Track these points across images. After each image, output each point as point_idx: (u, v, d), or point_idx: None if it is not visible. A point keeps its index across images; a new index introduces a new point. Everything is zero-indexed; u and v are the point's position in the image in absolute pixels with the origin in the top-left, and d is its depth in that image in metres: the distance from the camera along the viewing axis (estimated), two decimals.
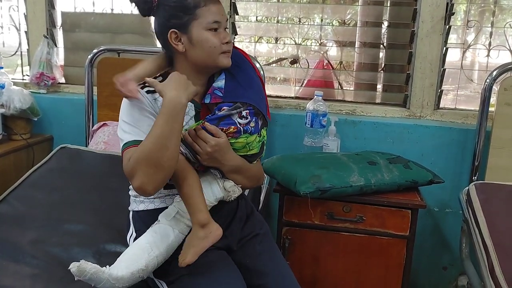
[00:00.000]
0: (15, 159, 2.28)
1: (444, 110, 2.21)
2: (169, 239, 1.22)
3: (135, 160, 1.16)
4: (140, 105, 1.26)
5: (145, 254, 1.19)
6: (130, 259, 1.19)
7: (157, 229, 1.24)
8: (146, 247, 1.20)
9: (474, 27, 2.18)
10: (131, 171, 1.17)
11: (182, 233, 1.25)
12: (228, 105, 1.28)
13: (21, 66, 2.67)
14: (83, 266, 1.11)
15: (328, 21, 2.37)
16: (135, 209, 1.38)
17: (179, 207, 1.26)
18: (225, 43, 1.28)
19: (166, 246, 1.22)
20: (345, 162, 1.79)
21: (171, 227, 1.23)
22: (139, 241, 1.24)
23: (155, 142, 1.15)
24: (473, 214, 1.69)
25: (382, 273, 1.77)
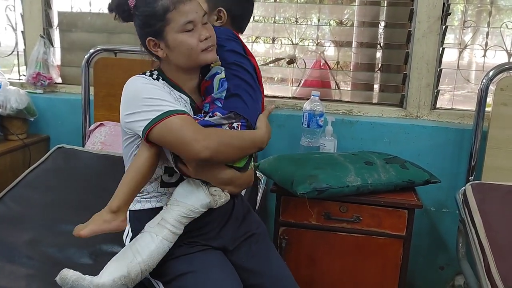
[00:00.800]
0: (12, 159, 2.27)
1: (441, 110, 2.22)
2: (151, 246, 1.21)
3: (218, 139, 1.19)
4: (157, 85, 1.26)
5: (127, 261, 1.19)
6: (113, 266, 1.19)
7: (140, 236, 1.24)
8: (128, 254, 1.20)
9: (471, 27, 2.19)
10: (204, 142, 1.16)
11: (166, 240, 1.23)
12: (222, 111, 1.27)
13: (17, 66, 2.67)
14: (64, 273, 1.11)
15: (325, 21, 2.37)
16: (132, 208, 1.37)
17: (163, 214, 1.26)
18: (204, 40, 1.25)
19: (149, 253, 1.21)
20: (341, 162, 1.79)
21: (155, 234, 1.23)
22: (123, 249, 1.24)
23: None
24: (469, 214, 1.70)
25: (379, 273, 1.77)
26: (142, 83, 1.25)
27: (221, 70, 1.30)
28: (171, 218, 1.24)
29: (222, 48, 1.31)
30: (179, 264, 1.27)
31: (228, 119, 1.26)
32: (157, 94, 1.22)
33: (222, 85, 1.29)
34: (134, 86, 1.26)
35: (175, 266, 1.27)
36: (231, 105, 1.27)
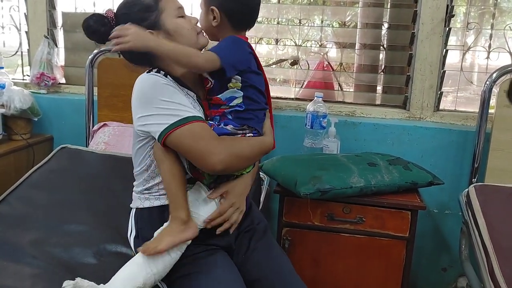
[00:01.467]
0: (15, 159, 2.28)
1: (444, 111, 2.22)
2: (167, 258, 1.21)
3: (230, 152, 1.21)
4: (171, 85, 1.25)
5: (143, 272, 1.18)
6: (127, 277, 1.17)
7: None
8: (144, 265, 1.19)
9: (474, 29, 2.19)
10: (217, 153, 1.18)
11: (180, 251, 1.24)
12: (234, 124, 1.29)
13: (21, 66, 2.67)
14: (79, 285, 1.10)
15: (328, 22, 2.37)
16: (140, 206, 1.35)
17: None
18: (195, 24, 1.33)
19: (164, 265, 1.21)
20: (345, 164, 1.79)
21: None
22: (137, 258, 1.22)
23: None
24: (472, 216, 1.69)
25: (381, 274, 1.77)
26: (156, 82, 1.23)
27: (238, 95, 1.29)
28: None
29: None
30: (183, 264, 1.27)
31: (242, 130, 1.29)
32: (174, 97, 1.21)
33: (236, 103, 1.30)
34: (148, 85, 1.23)
35: (179, 266, 1.27)
36: (243, 120, 1.30)
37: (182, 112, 1.19)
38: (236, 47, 1.29)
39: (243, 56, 1.29)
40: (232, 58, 1.25)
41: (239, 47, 1.29)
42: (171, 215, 1.24)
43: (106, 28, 1.27)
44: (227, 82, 1.28)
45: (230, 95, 1.28)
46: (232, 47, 1.28)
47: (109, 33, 1.20)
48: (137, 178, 1.39)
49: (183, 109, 1.20)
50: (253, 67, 1.31)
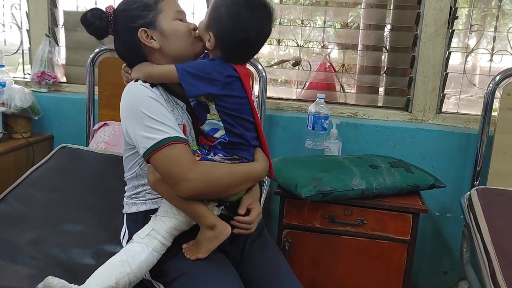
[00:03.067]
0: (15, 158, 2.27)
1: (446, 114, 2.21)
2: (141, 257, 1.21)
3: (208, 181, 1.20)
4: (156, 98, 1.23)
5: (116, 271, 1.18)
6: (101, 276, 1.17)
7: (130, 247, 1.23)
8: (118, 264, 1.19)
9: (477, 31, 2.17)
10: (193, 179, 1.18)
11: (156, 251, 1.24)
12: (224, 154, 1.28)
13: (22, 64, 2.67)
14: (49, 281, 1.09)
15: (331, 23, 2.36)
16: (128, 211, 1.39)
17: (153, 225, 1.25)
18: (193, 29, 1.31)
19: (139, 264, 1.21)
20: (346, 166, 1.78)
21: (145, 245, 1.23)
22: (112, 259, 1.22)
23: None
24: (474, 219, 1.68)
25: (382, 277, 1.76)
26: (141, 94, 1.22)
27: (219, 127, 1.27)
28: (163, 230, 1.25)
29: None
30: (180, 264, 1.27)
31: (232, 160, 1.28)
32: (156, 113, 1.20)
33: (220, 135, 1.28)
34: (134, 97, 1.23)
35: (176, 266, 1.27)
36: (231, 150, 1.28)
37: (161, 134, 1.18)
38: (209, 67, 1.23)
39: (213, 76, 1.22)
40: (196, 76, 1.21)
41: (212, 68, 1.23)
42: (200, 225, 1.27)
43: (102, 23, 1.29)
44: (206, 111, 1.26)
45: (211, 127, 1.27)
46: (203, 66, 1.24)
47: (106, 28, 1.27)
48: (127, 183, 1.41)
49: (162, 129, 1.19)
50: (233, 92, 1.25)
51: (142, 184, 1.36)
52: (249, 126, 1.30)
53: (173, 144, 1.18)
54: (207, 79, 1.21)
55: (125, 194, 1.43)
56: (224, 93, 1.23)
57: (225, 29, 1.23)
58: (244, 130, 1.28)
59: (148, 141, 1.18)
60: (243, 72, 1.27)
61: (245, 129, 1.29)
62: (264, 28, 1.28)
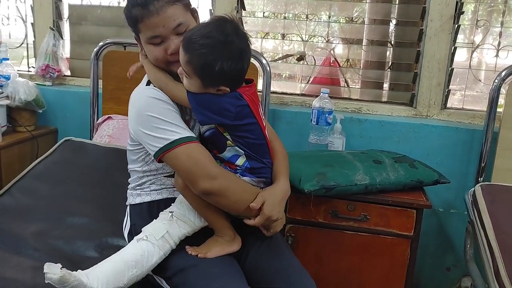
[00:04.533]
0: (20, 150, 2.28)
1: (451, 110, 2.19)
2: (153, 260, 1.23)
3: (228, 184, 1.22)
4: (165, 99, 1.24)
5: (129, 272, 1.19)
6: (113, 275, 1.17)
7: (145, 247, 1.23)
8: (131, 265, 1.20)
9: (483, 27, 2.16)
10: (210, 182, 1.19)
11: (165, 255, 1.25)
12: (251, 177, 1.29)
13: (27, 58, 2.67)
14: (66, 277, 1.07)
15: (336, 18, 2.35)
16: (132, 202, 1.39)
17: (168, 228, 1.25)
18: (172, 53, 1.25)
19: (148, 267, 1.23)
20: (350, 161, 1.77)
21: (158, 248, 1.23)
22: (126, 255, 1.22)
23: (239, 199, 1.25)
24: (478, 216, 1.68)
25: (385, 272, 1.76)
26: (150, 97, 1.23)
27: (240, 153, 1.28)
28: (176, 236, 1.26)
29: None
30: (181, 258, 1.27)
31: (262, 183, 1.32)
32: (166, 114, 1.21)
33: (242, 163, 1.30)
34: (144, 100, 1.24)
35: (177, 261, 1.27)
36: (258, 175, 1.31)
37: (173, 134, 1.19)
38: (220, 100, 1.22)
39: (225, 107, 1.21)
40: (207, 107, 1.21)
41: (225, 100, 1.22)
42: (216, 234, 1.29)
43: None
44: (224, 138, 1.26)
45: (232, 154, 1.28)
46: (215, 100, 1.21)
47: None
48: (131, 174, 1.42)
49: (174, 130, 1.20)
50: (245, 120, 1.25)
51: (147, 174, 1.36)
52: (264, 150, 1.32)
53: (187, 144, 1.19)
54: (219, 113, 1.21)
55: (129, 185, 1.43)
56: (237, 123, 1.24)
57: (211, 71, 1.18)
58: (261, 157, 1.30)
59: (160, 140, 1.19)
60: (250, 98, 1.26)
61: (261, 154, 1.31)
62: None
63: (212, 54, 1.16)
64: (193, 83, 1.21)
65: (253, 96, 1.28)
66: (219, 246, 1.28)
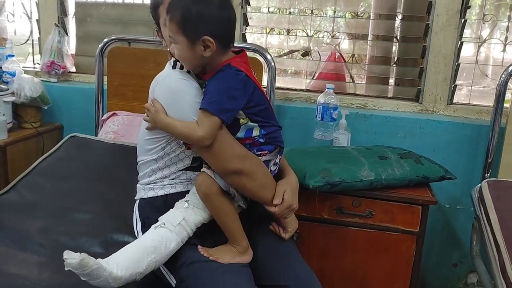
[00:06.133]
0: (25, 147, 2.28)
1: (458, 105, 2.18)
2: (171, 246, 1.23)
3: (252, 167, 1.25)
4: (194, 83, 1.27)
5: (148, 258, 1.19)
6: (133, 260, 1.17)
7: (163, 233, 1.23)
8: (150, 250, 1.20)
9: (490, 21, 2.14)
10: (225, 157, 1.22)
11: (182, 242, 1.26)
12: (269, 148, 1.30)
13: (32, 54, 2.68)
14: (86, 261, 1.06)
15: (341, 13, 2.33)
16: (144, 196, 1.38)
17: (185, 215, 1.26)
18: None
19: (167, 254, 1.23)
20: (355, 156, 1.77)
21: (176, 235, 1.24)
22: (144, 242, 1.23)
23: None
24: (485, 212, 1.66)
25: (390, 269, 1.75)
26: (181, 79, 1.26)
27: (253, 126, 1.28)
28: (193, 223, 1.27)
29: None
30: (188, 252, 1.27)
31: (278, 153, 1.34)
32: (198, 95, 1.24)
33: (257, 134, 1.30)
34: (176, 82, 1.26)
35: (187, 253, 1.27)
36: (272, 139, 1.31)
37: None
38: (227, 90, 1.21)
39: (235, 90, 1.21)
40: (221, 100, 1.20)
41: (230, 85, 1.21)
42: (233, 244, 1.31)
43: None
44: (237, 120, 1.26)
45: (245, 130, 1.28)
46: (222, 94, 1.20)
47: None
48: (142, 168, 1.40)
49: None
50: (249, 90, 1.24)
51: (161, 167, 1.35)
52: (270, 113, 1.32)
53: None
54: (232, 97, 1.21)
55: (140, 180, 1.41)
56: (247, 97, 1.24)
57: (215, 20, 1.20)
58: (270, 119, 1.31)
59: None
60: (245, 67, 1.26)
61: (270, 117, 1.31)
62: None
63: (191, 2, 1.18)
64: (180, 46, 1.21)
65: (246, 64, 1.28)
66: (231, 254, 1.29)
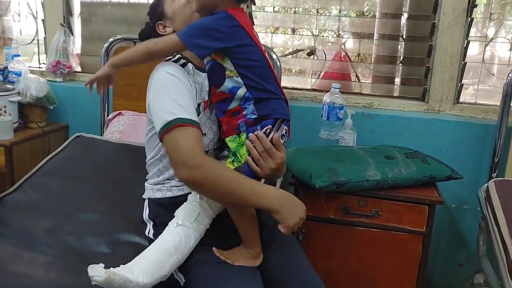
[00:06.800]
0: (31, 147, 2.29)
1: (464, 104, 2.17)
2: (191, 243, 1.23)
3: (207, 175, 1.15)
4: (180, 78, 1.24)
5: (171, 260, 1.18)
6: (156, 264, 1.17)
7: (181, 232, 1.22)
8: (171, 251, 1.19)
9: (496, 20, 2.12)
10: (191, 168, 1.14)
11: (200, 236, 1.25)
12: (270, 122, 1.24)
13: (37, 54, 2.68)
14: (111, 278, 1.06)
15: (346, 12, 2.33)
16: (152, 196, 1.37)
17: (200, 209, 1.25)
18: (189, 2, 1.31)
19: (188, 250, 1.23)
20: (361, 156, 1.76)
21: (194, 230, 1.23)
22: (165, 243, 1.21)
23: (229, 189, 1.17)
24: (492, 212, 1.66)
25: (397, 269, 1.75)
26: (167, 73, 1.23)
27: (239, 84, 1.23)
28: (208, 216, 1.26)
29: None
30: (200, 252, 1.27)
31: (279, 128, 1.26)
32: (176, 94, 1.21)
33: (247, 100, 1.24)
34: (159, 76, 1.25)
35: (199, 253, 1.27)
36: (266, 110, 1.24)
37: (171, 115, 1.17)
38: (207, 29, 1.19)
39: (217, 30, 1.18)
40: (198, 35, 1.18)
41: (213, 26, 1.19)
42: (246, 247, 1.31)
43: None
44: (222, 70, 1.23)
45: (232, 85, 1.23)
46: (202, 23, 1.20)
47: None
48: (150, 168, 1.40)
49: (175, 111, 1.17)
50: (242, 41, 1.21)
51: (167, 168, 1.34)
52: (268, 76, 1.25)
53: (182, 126, 1.16)
54: (211, 36, 1.18)
55: (148, 180, 1.41)
56: (234, 44, 1.20)
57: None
58: (264, 82, 1.23)
59: (161, 121, 1.18)
60: (244, 20, 1.22)
61: (265, 80, 1.24)
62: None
63: None
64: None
65: (247, 21, 1.25)
66: (244, 258, 1.28)
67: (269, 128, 1.24)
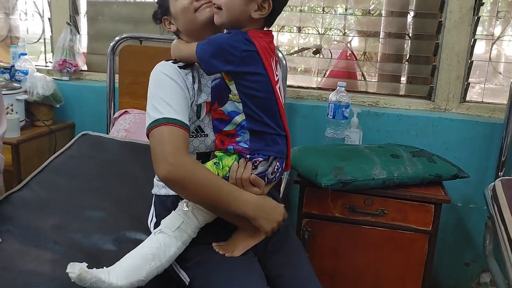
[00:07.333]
0: (38, 145, 2.30)
1: (471, 103, 2.16)
2: (171, 251, 1.21)
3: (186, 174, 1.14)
4: (173, 77, 1.23)
5: (147, 265, 1.18)
6: (131, 269, 1.17)
7: (162, 239, 1.22)
8: (148, 258, 1.19)
9: (503, 18, 2.11)
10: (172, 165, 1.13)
11: (184, 245, 1.24)
12: (263, 156, 1.22)
13: (44, 53, 2.70)
14: (83, 276, 1.08)
15: (352, 10, 2.32)
16: (157, 193, 1.38)
17: (184, 218, 1.24)
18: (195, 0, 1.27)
19: (168, 258, 1.21)
20: (367, 155, 1.76)
21: (175, 239, 1.22)
22: (143, 250, 1.21)
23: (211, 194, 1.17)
24: (498, 211, 1.65)
25: (403, 267, 1.74)
26: (161, 72, 1.24)
27: (239, 110, 1.21)
28: (193, 225, 1.24)
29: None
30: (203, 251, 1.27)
31: (271, 166, 1.23)
32: (167, 94, 1.20)
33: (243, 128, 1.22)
34: (154, 76, 1.25)
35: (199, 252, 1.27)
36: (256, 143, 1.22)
37: (159, 114, 1.17)
38: (225, 41, 1.16)
39: (229, 52, 1.15)
40: (212, 52, 1.16)
41: (228, 43, 1.16)
42: (239, 221, 1.25)
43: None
44: (227, 91, 1.21)
45: (232, 109, 1.22)
46: (220, 41, 1.17)
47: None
48: None
49: (163, 110, 1.17)
50: (252, 68, 1.18)
51: None
52: (271, 109, 1.22)
53: (167, 125, 1.16)
54: (223, 57, 1.15)
55: (156, 176, 1.40)
56: (243, 70, 1.17)
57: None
58: (265, 115, 1.20)
59: (149, 119, 1.19)
60: (262, 45, 1.18)
61: (267, 112, 1.21)
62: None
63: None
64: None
65: (267, 45, 1.21)
66: (243, 242, 1.27)
67: (259, 161, 1.22)
